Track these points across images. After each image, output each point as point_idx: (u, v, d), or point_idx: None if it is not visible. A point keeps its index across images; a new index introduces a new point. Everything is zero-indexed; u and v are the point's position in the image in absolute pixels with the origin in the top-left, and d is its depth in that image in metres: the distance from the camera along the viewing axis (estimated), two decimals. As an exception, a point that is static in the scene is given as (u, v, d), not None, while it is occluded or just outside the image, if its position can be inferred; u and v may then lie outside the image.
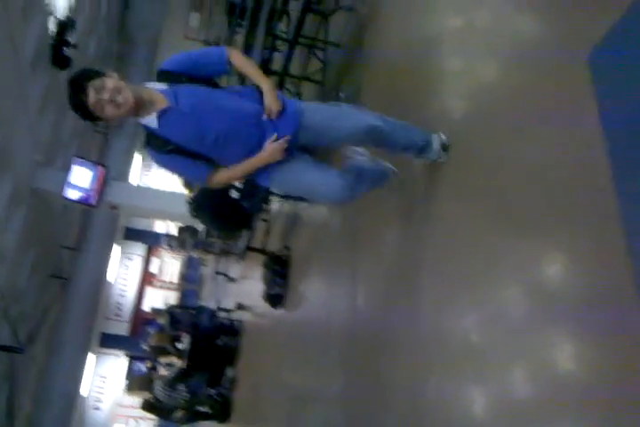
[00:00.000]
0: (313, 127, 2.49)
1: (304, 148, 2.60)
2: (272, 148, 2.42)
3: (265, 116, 2.41)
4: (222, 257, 12.35)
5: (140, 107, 2.32)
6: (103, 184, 10.37)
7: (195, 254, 15.28)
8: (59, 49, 9.24)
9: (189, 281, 20.47)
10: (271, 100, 2.40)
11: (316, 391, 4.15)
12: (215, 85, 2.48)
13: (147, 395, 8.62)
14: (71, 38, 9.45)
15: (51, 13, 9.12)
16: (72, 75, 2.34)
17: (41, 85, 9.44)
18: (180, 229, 13.54)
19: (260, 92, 2.45)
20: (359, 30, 4.77)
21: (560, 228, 1.77)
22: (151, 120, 2.36)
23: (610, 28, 0.83)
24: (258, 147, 2.44)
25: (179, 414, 7.92)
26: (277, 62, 5.91)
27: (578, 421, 1.55)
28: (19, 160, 9.02)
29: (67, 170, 10.38)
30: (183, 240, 13.08)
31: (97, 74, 2.28)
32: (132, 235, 21.71)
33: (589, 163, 1.63)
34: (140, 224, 21.89)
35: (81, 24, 10.55)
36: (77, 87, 2.25)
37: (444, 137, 2.63)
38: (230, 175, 2.53)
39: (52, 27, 9.14)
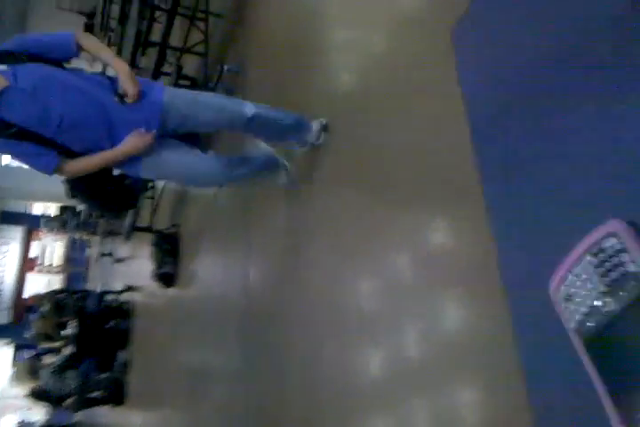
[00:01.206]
0: (176, 112, 2.38)
1: (174, 133, 2.48)
2: (135, 140, 2.29)
3: (117, 99, 2.25)
4: (108, 238, 11.88)
5: None
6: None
7: (78, 236, 14.59)
8: None
9: (74, 264, 19.52)
10: (128, 82, 2.23)
11: (215, 368, 4.15)
12: (62, 68, 2.30)
13: (34, 384, 8.22)
14: None
15: None
16: None
17: None
18: (61, 210, 12.86)
19: (112, 80, 2.31)
20: (241, 1, 4.68)
21: (431, 202, 1.87)
22: None
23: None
24: (108, 135, 2.29)
25: (70, 401, 7.63)
26: (156, 34, 5.68)
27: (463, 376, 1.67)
28: None
29: None
30: (64, 221, 12.44)
31: None
32: (8, 218, 20.32)
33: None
34: (17, 207, 20.52)
35: None
36: None
37: (323, 120, 2.67)
38: (84, 166, 2.32)
39: None
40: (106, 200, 2.86)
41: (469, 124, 0.84)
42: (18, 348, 17.69)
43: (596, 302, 0.55)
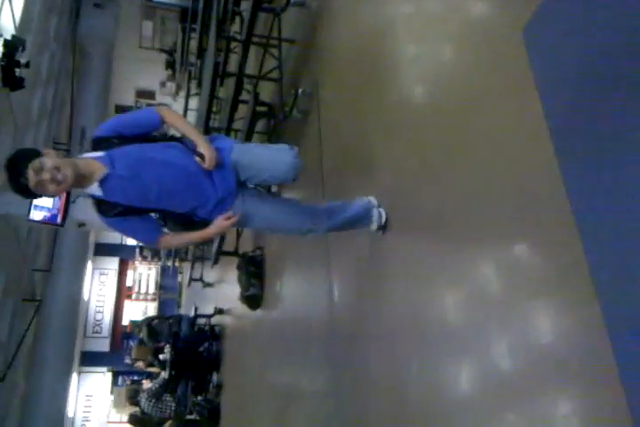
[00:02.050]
0: (242, 170, 2.58)
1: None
2: (221, 225, 2.52)
3: (199, 159, 2.46)
4: (196, 263, 12.26)
5: (81, 179, 2.36)
6: (67, 202, 10.17)
7: (169, 263, 15.14)
8: (10, 70, 9.04)
9: (167, 290, 20.28)
10: (207, 151, 2.45)
11: (303, 388, 4.16)
12: (146, 139, 2.52)
13: (133, 409, 8.51)
14: (22, 58, 9.25)
15: (-2, 35, 8.93)
16: (9, 157, 2.34)
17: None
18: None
19: (190, 146, 2.52)
20: (311, 25, 4.79)
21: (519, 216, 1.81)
22: (94, 189, 2.42)
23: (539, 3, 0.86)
24: (203, 195, 2.52)
25: (167, 425, 7.84)
26: (233, 64, 5.90)
27: (559, 390, 1.59)
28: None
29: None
30: (156, 250, 12.94)
31: (34, 155, 2.30)
32: (104, 250, 21.43)
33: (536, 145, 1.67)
34: (111, 238, 21.61)
35: (31, 42, 10.36)
36: (16, 171, 2.29)
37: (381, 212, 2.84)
38: (177, 243, 2.67)
39: (0, 48, 8.94)
40: (193, 229, 3.00)
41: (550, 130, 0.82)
42: (116, 374, 18.44)
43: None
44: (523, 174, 1.80)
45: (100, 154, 2.43)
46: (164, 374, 8.32)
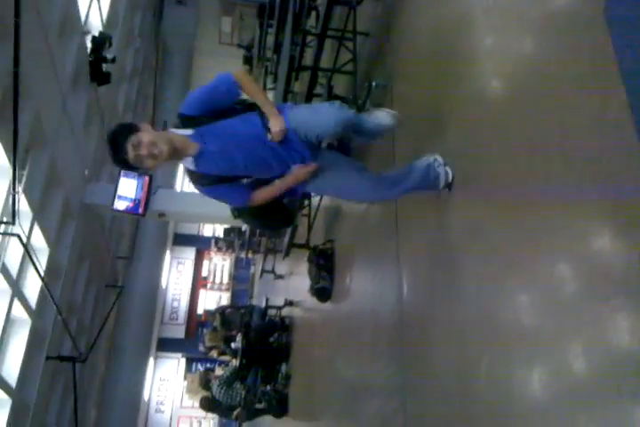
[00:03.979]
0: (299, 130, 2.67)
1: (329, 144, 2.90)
2: (298, 172, 2.71)
3: (269, 137, 2.62)
4: (269, 255, 12.47)
5: (175, 153, 2.59)
6: (149, 193, 10.58)
7: (243, 254, 15.47)
8: (97, 65, 9.48)
9: (240, 281, 20.75)
10: (273, 125, 2.61)
11: (370, 381, 4.15)
12: (229, 112, 2.69)
13: (205, 394, 8.78)
14: (108, 54, 9.68)
15: (87, 32, 9.36)
16: (110, 132, 2.58)
17: (83, 102, 9.71)
18: (227, 231, 13.74)
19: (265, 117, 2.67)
20: (386, 18, 4.75)
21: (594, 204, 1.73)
22: (189, 163, 2.65)
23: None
24: (278, 164, 2.71)
25: (237, 411, 8.04)
26: (308, 58, 5.94)
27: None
28: (68, 177, 9.30)
29: (113, 182, 10.66)
30: (230, 241, 13.27)
31: (131, 130, 2.52)
32: (182, 240, 22.15)
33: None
34: (189, 229, 22.32)
35: (117, 38, 10.81)
36: (116, 146, 2.50)
37: (439, 159, 2.88)
38: (265, 196, 2.79)
39: (88, 44, 9.38)
40: (266, 218, 3.11)
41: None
42: (190, 361, 19.05)
43: None
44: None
45: (189, 132, 2.63)
46: (235, 363, 8.53)
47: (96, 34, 9.47)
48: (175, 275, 21.91)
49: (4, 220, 6.85)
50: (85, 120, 9.98)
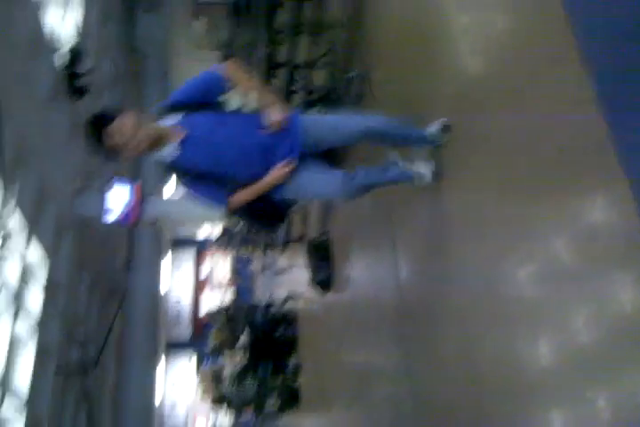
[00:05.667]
0: (313, 137, 2.69)
1: (309, 152, 2.77)
2: (276, 173, 2.64)
3: (266, 130, 2.57)
4: (267, 251, 12.51)
5: (156, 142, 2.51)
6: (140, 202, 10.56)
7: (242, 252, 15.52)
8: (72, 80, 9.53)
9: (241, 278, 20.76)
10: (273, 113, 2.56)
11: (378, 367, 4.23)
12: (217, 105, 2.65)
13: (217, 392, 8.87)
14: (82, 67, 9.69)
15: (58, 48, 9.37)
16: (89, 118, 2.48)
17: (64, 115, 9.74)
18: (224, 230, 13.78)
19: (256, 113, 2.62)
20: (358, 6, 4.78)
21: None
22: (171, 150, 2.57)
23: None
24: (264, 162, 2.65)
25: (251, 406, 8.13)
26: (282, 55, 5.97)
27: None
28: (58, 190, 9.34)
29: (104, 192, 10.66)
30: (227, 240, 13.31)
31: (112, 117, 2.43)
32: (180, 243, 22.20)
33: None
34: (186, 232, 22.34)
35: (93, 48, 10.81)
36: (94, 133, 2.42)
37: (445, 120, 2.78)
38: (244, 197, 2.72)
39: (61, 59, 9.39)
40: (259, 216, 3.11)
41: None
42: (200, 358, 19.13)
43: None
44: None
45: (177, 118, 2.58)
46: (244, 360, 8.61)
47: (68, 48, 9.49)
48: (176, 278, 21.96)
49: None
50: (70, 132, 10.00)
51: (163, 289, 19.80)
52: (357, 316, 4.86)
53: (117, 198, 10.46)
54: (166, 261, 20.71)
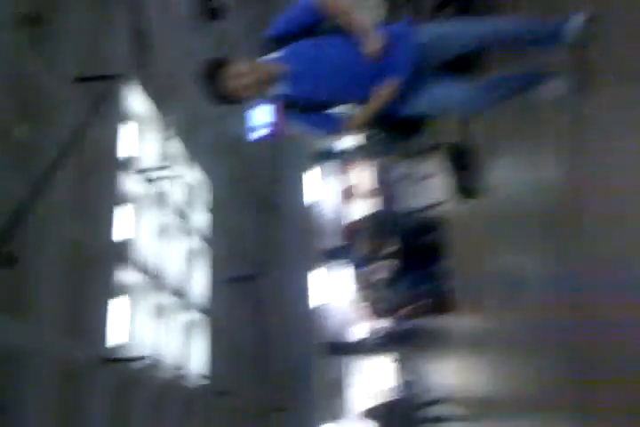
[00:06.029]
0: (431, 49, 2.58)
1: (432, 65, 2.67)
2: (379, 95, 2.60)
3: (366, 59, 2.52)
4: (410, 159, 12.42)
5: (268, 80, 2.60)
6: (283, 119, 10.87)
7: (385, 161, 15.60)
8: (205, 2, 9.77)
9: (386, 186, 20.94)
10: (368, 43, 2.50)
11: (526, 273, 4.17)
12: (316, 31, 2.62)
13: (372, 295, 9.31)
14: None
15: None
16: (201, 68, 2.60)
17: (207, 37, 10.11)
18: (365, 141, 13.80)
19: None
20: None
21: None
22: (280, 87, 2.65)
23: None
24: (377, 79, 2.58)
25: (404, 310, 8.47)
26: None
27: None
28: (208, 115, 9.87)
29: (249, 111, 11.04)
30: (370, 150, 13.36)
31: (225, 62, 2.54)
32: (324, 155, 22.66)
33: None
34: (328, 143, 22.68)
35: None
36: (210, 78, 2.54)
37: (587, 13, 2.43)
38: (360, 119, 2.71)
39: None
40: (391, 129, 3.09)
41: None
42: (352, 265, 20.02)
43: None
44: None
45: (277, 55, 2.63)
46: (394, 266, 8.88)
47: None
48: (323, 189, 22.64)
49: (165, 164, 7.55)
50: (215, 55, 10.40)
51: (311, 200, 20.63)
52: (506, 219, 4.76)
53: (261, 116, 10.80)
54: (312, 174, 21.38)
